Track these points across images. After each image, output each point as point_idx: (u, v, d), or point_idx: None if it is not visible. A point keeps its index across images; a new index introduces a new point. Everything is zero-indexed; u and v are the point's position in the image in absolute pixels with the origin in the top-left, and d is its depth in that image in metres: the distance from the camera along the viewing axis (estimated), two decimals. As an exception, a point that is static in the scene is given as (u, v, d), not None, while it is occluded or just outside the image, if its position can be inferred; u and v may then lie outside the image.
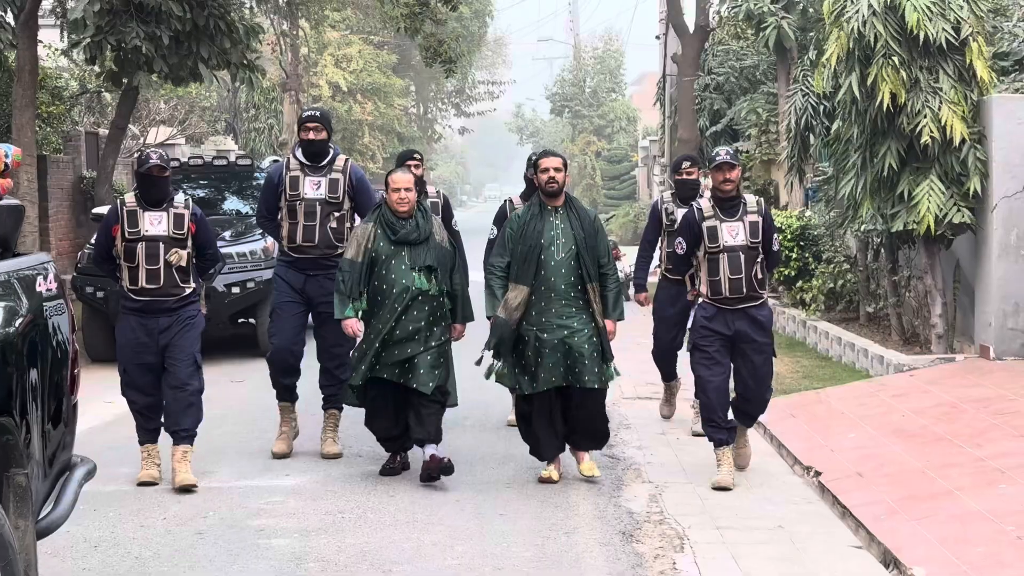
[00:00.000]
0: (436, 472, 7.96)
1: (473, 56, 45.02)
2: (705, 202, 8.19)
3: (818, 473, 8.24)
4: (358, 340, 8.24)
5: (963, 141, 10.89)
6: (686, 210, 9.11)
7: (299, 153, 8.87)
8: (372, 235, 8.13)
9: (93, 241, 13.84)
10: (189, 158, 17.15)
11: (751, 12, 17.54)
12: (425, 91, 55.55)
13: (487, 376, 8.27)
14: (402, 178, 8.20)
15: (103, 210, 15.08)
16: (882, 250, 13.06)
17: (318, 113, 8.98)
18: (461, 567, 6.41)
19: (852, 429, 9.42)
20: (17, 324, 4.44)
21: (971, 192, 10.98)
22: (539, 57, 76.08)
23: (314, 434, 9.15)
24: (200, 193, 15.25)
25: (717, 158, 8.07)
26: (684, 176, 9.64)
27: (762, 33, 17.45)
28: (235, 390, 11.62)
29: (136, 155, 24.79)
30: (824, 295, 14.48)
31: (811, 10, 16.59)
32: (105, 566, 6.41)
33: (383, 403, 8.16)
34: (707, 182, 8.86)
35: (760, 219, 8.11)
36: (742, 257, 8.02)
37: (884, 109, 10.95)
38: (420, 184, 9.33)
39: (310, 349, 9.04)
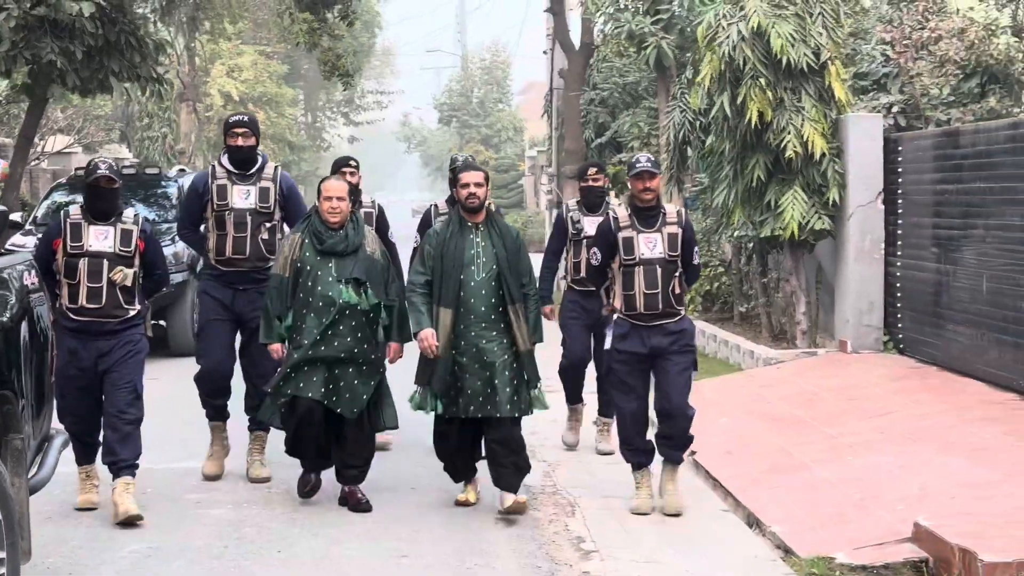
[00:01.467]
0: (353, 507, 7.64)
1: (362, 66, 45.62)
2: (622, 211, 7.63)
3: (693, 452, 9.11)
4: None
5: (823, 155, 11.81)
6: (592, 218, 9.12)
7: (225, 160, 8.30)
8: (299, 245, 7.59)
9: (9, 245, 14.32)
10: None
11: (632, 32, 18.11)
12: (314, 100, 56.00)
13: (412, 407, 7.81)
14: (336, 186, 7.67)
15: (16, 216, 15.54)
16: (754, 255, 13.88)
17: (246, 118, 8.35)
18: (380, 529, 7.27)
19: (724, 415, 10.36)
20: (14, 312, 5.22)
21: (830, 201, 11.93)
22: (427, 67, 76.61)
23: (243, 433, 8.79)
24: None
25: (637, 165, 7.50)
26: (590, 183, 9.28)
27: (643, 52, 18.13)
28: (152, 387, 12.07)
29: (36, 161, 25.06)
30: (702, 297, 15.38)
31: (688, 31, 17.39)
32: (60, 533, 7.12)
33: (310, 426, 7.57)
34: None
35: (680, 231, 7.53)
36: (659, 271, 7.45)
37: (752, 126, 11.82)
38: (355, 193, 8.70)
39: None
